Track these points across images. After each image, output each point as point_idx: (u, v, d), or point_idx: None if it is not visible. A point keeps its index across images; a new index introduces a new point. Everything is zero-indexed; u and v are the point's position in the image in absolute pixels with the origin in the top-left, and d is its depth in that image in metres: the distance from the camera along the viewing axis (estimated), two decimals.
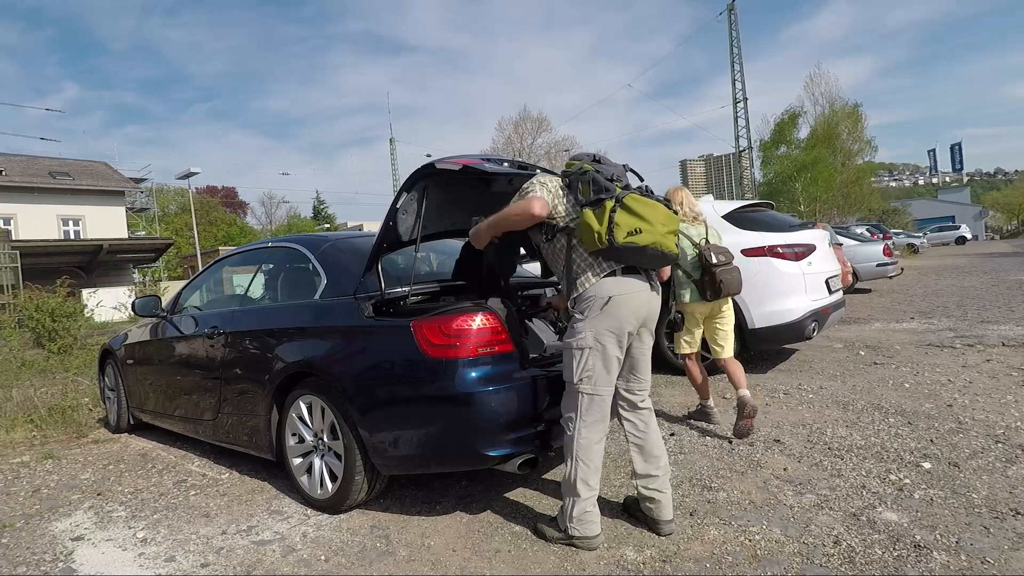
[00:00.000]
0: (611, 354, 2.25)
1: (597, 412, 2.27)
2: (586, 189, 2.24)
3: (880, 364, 5.07)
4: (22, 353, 8.30)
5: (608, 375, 2.27)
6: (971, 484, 2.60)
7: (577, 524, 2.25)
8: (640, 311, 2.29)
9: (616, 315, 2.22)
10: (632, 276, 2.28)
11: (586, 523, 2.26)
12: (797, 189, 28.66)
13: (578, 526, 2.25)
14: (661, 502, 2.34)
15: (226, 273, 4.41)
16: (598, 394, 2.26)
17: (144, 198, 34.55)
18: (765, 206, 5.80)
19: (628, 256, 2.22)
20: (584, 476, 2.25)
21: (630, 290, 2.26)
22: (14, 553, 2.58)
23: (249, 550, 2.45)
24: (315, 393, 2.76)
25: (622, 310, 2.23)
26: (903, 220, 41.36)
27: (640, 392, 2.45)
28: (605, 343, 2.23)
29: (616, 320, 2.23)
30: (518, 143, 41.30)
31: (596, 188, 2.22)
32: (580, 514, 2.26)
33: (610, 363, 2.26)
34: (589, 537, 2.26)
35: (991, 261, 18.33)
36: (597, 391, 2.25)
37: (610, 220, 2.14)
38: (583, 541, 2.26)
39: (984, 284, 11.18)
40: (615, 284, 2.24)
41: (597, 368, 2.23)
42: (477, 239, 2.48)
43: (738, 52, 35.01)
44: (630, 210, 2.16)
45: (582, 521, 2.26)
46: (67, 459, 3.96)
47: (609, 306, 2.21)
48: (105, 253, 21.89)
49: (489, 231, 2.41)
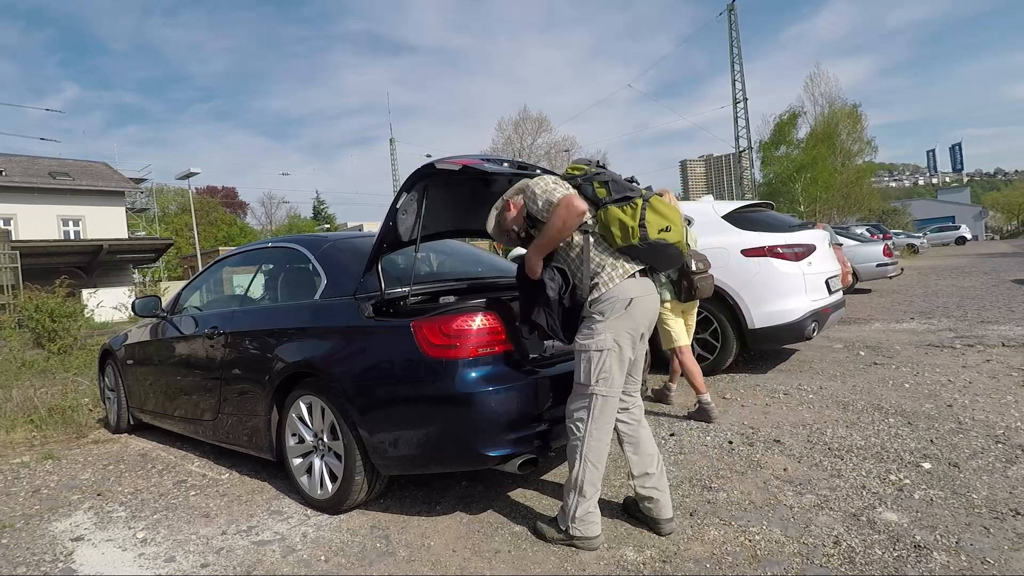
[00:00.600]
0: (626, 356, 2.26)
1: (609, 414, 2.27)
2: (601, 189, 2.26)
3: (880, 364, 5.07)
4: (22, 353, 8.30)
5: (621, 377, 2.27)
6: (971, 484, 2.60)
7: (579, 525, 2.25)
8: (652, 313, 2.33)
9: (636, 317, 2.24)
10: (647, 277, 2.33)
11: (588, 524, 2.26)
12: (797, 189, 28.68)
13: (580, 527, 2.25)
14: (660, 500, 2.34)
15: (226, 273, 4.41)
16: (612, 396, 2.25)
17: (144, 198, 34.55)
18: (765, 206, 5.80)
19: (653, 254, 2.27)
20: (592, 478, 2.25)
21: (648, 292, 2.30)
22: (14, 553, 2.58)
23: (249, 550, 2.45)
24: (315, 393, 2.76)
25: (641, 312, 2.26)
26: (903, 220, 41.37)
27: (634, 393, 2.45)
28: (623, 345, 2.23)
29: (635, 322, 2.25)
30: (518, 143, 41.29)
31: (618, 187, 2.26)
32: (583, 515, 2.25)
33: (624, 365, 2.27)
34: (590, 538, 2.25)
35: (991, 261, 18.34)
36: (611, 393, 2.25)
37: (642, 216, 2.19)
38: (584, 541, 2.25)
39: (984, 284, 11.18)
40: (636, 286, 2.26)
41: (614, 370, 2.23)
42: (533, 272, 2.31)
43: (738, 52, 35.03)
44: (656, 209, 2.23)
45: (584, 522, 2.25)
46: (67, 459, 3.96)
47: (631, 308, 2.22)
48: (105, 253, 21.89)
49: (540, 255, 2.28)
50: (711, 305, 4.89)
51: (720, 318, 4.86)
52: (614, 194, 2.24)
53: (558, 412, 2.53)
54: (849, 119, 30.25)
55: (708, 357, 4.96)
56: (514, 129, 42.21)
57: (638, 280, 2.28)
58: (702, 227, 4.66)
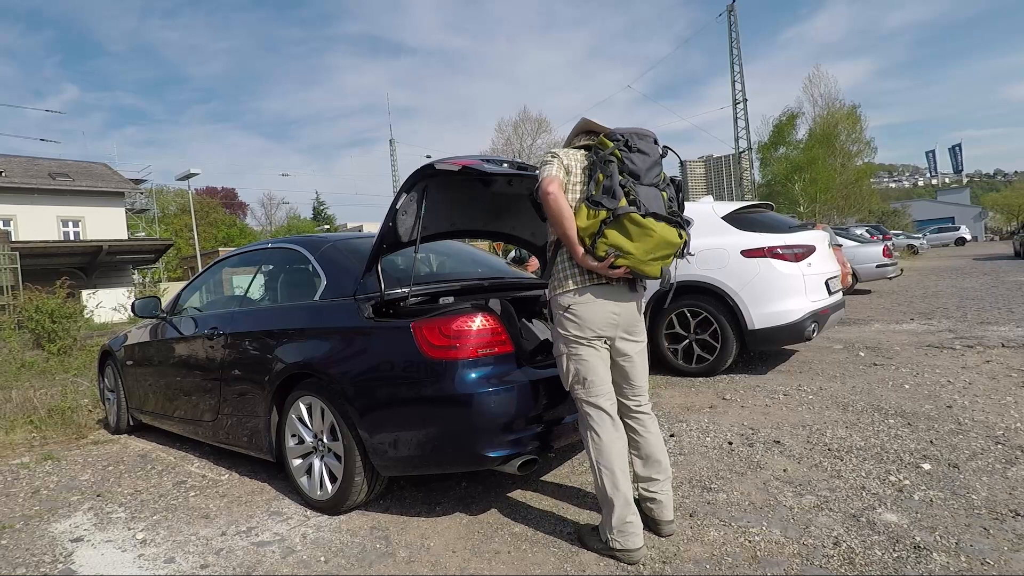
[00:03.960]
0: (594, 361, 2.22)
1: (600, 416, 2.23)
2: (597, 186, 2.12)
3: (880, 365, 5.07)
4: (22, 354, 8.30)
5: (599, 379, 2.23)
6: (971, 485, 2.60)
7: (618, 536, 2.14)
8: (615, 318, 2.24)
9: (596, 321, 2.20)
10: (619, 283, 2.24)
11: (627, 535, 2.13)
12: (796, 190, 28.69)
13: (619, 538, 2.14)
14: (662, 503, 2.32)
15: (226, 274, 4.41)
16: (594, 399, 2.23)
17: (144, 199, 34.54)
18: (765, 207, 5.81)
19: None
20: (611, 482, 2.16)
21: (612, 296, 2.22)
22: (14, 554, 2.58)
23: (249, 551, 2.45)
24: (315, 394, 2.76)
25: (601, 316, 2.20)
26: (903, 221, 41.37)
27: (636, 397, 2.37)
28: (587, 348, 2.22)
29: (598, 327, 2.20)
30: (517, 144, 41.28)
31: (605, 188, 2.10)
32: (620, 525, 2.14)
33: (597, 368, 2.22)
34: (631, 550, 2.12)
35: (991, 262, 18.34)
36: (591, 396, 2.23)
37: (598, 231, 2.08)
38: (624, 554, 2.13)
39: (984, 285, 11.18)
40: (602, 290, 2.21)
41: (589, 374, 2.21)
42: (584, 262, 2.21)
43: (738, 53, 35.09)
44: (624, 230, 2.08)
45: (623, 532, 2.14)
46: (67, 460, 3.96)
47: (591, 310, 2.19)
48: (105, 254, 21.88)
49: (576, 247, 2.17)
50: (711, 306, 4.89)
51: (720, 319, 4.86)
52: (598, 194, 2.10)
53: (558, 413, 2.54)
54: (848, 120, 30.26)
55: (708, 358, 4.96)
56: (514, 130, 42.24)
57: (606, 285, 2.20)
58: (702, 228, 4.67)
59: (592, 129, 2.37)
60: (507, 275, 3.67)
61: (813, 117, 30.85)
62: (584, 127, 2.40)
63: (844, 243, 11.16)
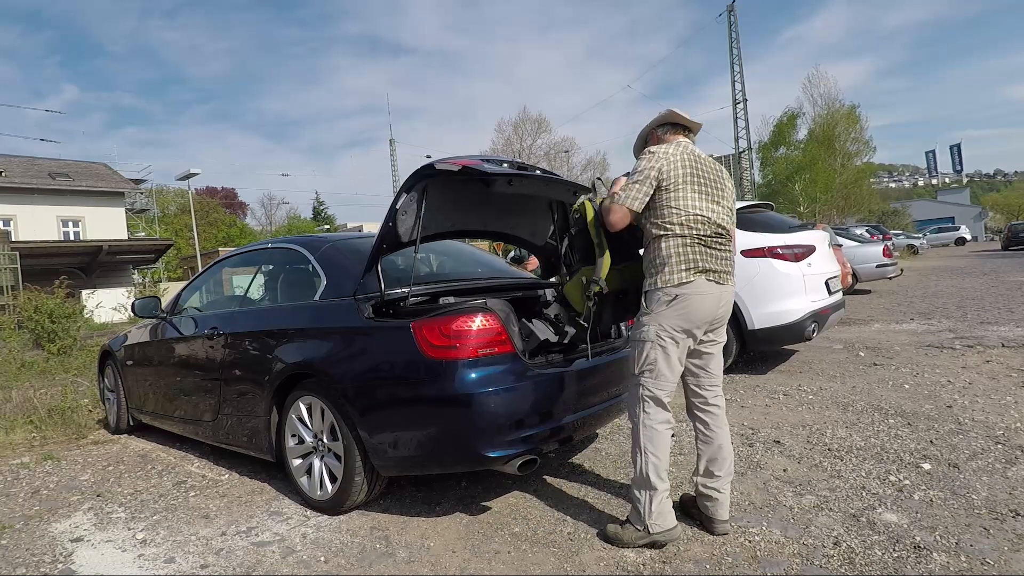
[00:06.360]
0: (672, 351, 2.24)
1: (659, 404, 2.26)
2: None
3: (880, 365, 5.07)
4: (22, 354, 8.29)
5: (669, 370, 2.25)
6: (971, 485, 2.60)
7: (657, 519, 2.19)
8: (705, 313, 2.26)
9: (683, 314, 2.22)
10: (713, 280, 2.28)
11: (665, 516, 2.20)
12: (796, 190, 28.69)
13: (659, 521, 2.19)
14: (719, 501, 2.32)
15: (226, 274, 4.41)
16: (658, 387, 2.25)
17: (144, 199, 34.52)
18: (765, 207, 5.81)
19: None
20: (656, 468, 2.20)
21: (704, 291, 2.25)
22: (14, 554, 2.58)
23: (249, 551, 2.45)
24: (315, 394, 2.76)
25: (690, 310, 2.22)
26: (903, 221, 41.33)
27: (710, 388, 2.40)
28: (667, 339, 2.23)
29: (682, 319, 2.22)
30: (517, 144, 41.30)
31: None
32: (658, 508, 2.19)
33: (672, 359, 2.25)
34: (670, 529, 2.21)
35: (991, 262, 18.33)
36: (657, 384, 2.25)
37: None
38: (665, 535, 2.19)
39: (984, 285, 11.18)
40: (693, 283, 2.24)
41: (659, 363, 2.23)
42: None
43: (738, 53, 35.10)
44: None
45: (662, 515, 2.19)
46: (67, 460, 3.96)
47: (677, 304, 2.21)
48: (105, 254, 21.87)
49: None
50: None
51: None
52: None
53: (557, 413, 2.54)
54: (848, 120, 30.27)
55: None
56: (513, 130, 42.28)
57: (699, 280, 2.22)
58: None
59: (677, 122, 2.43)
60: (507, 275, 3.67)
61: (813, 117, 30.90)
62: (668, 119, 2.45)
63: (844, 243, 11.16)
